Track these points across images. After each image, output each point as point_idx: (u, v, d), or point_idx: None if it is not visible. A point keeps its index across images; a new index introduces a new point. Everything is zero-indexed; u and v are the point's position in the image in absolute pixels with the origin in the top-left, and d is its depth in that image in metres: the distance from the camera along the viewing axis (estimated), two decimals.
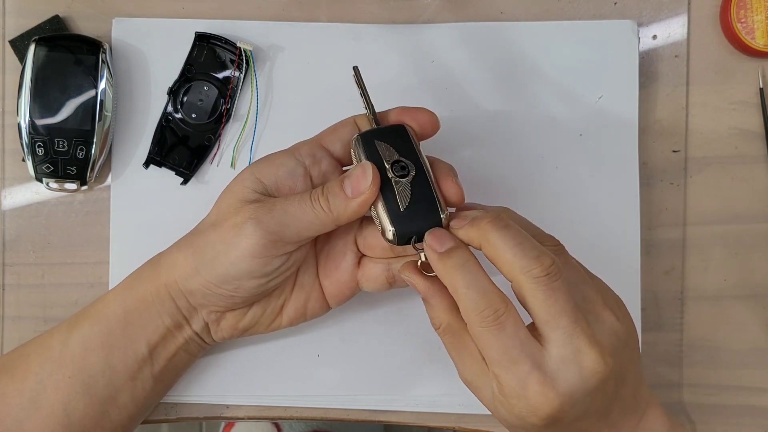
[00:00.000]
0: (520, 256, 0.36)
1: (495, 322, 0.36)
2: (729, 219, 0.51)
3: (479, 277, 0.37)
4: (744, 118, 0.51)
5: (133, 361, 0.44)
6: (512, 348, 0.36)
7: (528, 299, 0.37)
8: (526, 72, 0.51)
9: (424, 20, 0.51)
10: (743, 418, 0.51)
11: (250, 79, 0.50)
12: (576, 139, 0.51)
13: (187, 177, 0.50)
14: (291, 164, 0.43)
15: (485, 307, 0.36)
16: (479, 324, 0.36)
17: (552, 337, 0.36)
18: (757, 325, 0.51)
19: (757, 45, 0.50)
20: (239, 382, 0.50)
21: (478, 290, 0.37)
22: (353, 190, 0.40)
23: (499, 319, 0.36)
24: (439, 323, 0.40)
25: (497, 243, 0.37)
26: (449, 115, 0.50)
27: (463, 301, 0.37)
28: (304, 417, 0.50)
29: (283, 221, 0.40)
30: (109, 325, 0.44)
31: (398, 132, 0.42)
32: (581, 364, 0.36)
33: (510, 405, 0.37)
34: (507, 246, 0.37)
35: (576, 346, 0.36)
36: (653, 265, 0.51)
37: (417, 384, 0.50)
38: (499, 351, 0.36)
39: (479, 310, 0.36)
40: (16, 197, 0.51)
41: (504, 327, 0.36)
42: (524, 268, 0.36)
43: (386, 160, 0.41)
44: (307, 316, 0.46)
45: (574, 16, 0.51)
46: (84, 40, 0.49)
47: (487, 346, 0.37)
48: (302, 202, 0.41)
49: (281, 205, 0.41)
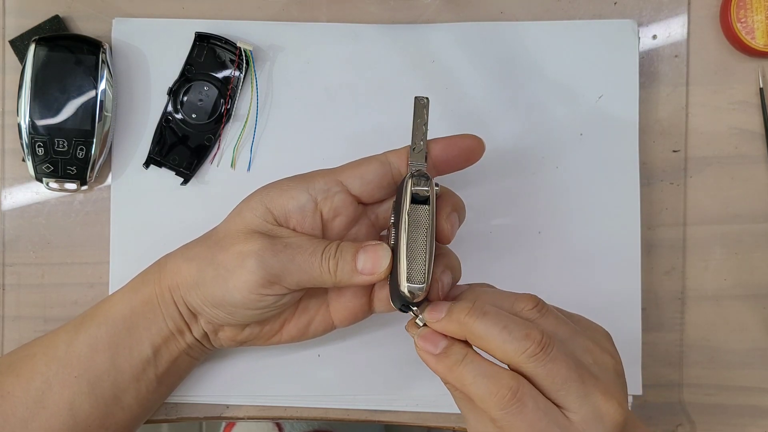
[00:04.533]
0: (509, 340, 0.36)
1: (513, 399, 0.36)
2: (729, 219, 0.51)
3: (483, 365, 0.37)
4: (744, 118, 0.51)
5: (137, 362, 0.44)
6: (539, 421, 0.36)
7: (532, 377, 0.36)
8: (526, 72, 0.51)
9: (424, 20, 0.51)
10: (743, 418, 0.51)
11: (250, 79, 0.50)
12: (576, 139, 0.51)
13: (187, 177, 0.50)
14: (302, 199, 0.42)
15: (499, 389, 0.36)
16: (500, 408, 0.36)
17: (568, 403, 0.36)
18: (757, 325, 0.51)
19: (757, 45, 0.50)
20: (239, 382, 0.50)
21: (486, 377, 0.36)
22: (364, 269, 0.40)
23: (517, 395, 0.36)
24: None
25: (483, 334, 0.37)
26: (449, 115, 0.50)
27: (475, 393, 0.37)
28: (304, 417, 0.50)
29: (287, 268, 0.40)
30: (115, 325, 0.44)
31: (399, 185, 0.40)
32: (603, 420, 0.36)
33: None
34: (493, 335, 0.37)
35: (593, 404, 0.36)
36: (653, 265, 0.51)
37: (417, 384, 0.50)
38: (528, 428, 0.36)
39: (494, 394, 0.36)
40: (16, 197, 0.51)
41: (525, 403, 0.36)
42: (518, 351, 0.36)
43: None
44: (309, 335, 0.46)
45: (574, 16, 0.51)
46: (84, 40, 0.49)
47: (514, 428, 0.36)
48: (312, 257, 0.40)
49: (290, 252, 0.40)
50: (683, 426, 0.51)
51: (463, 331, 0.38)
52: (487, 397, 0.36)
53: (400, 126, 0.51)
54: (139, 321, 0.44)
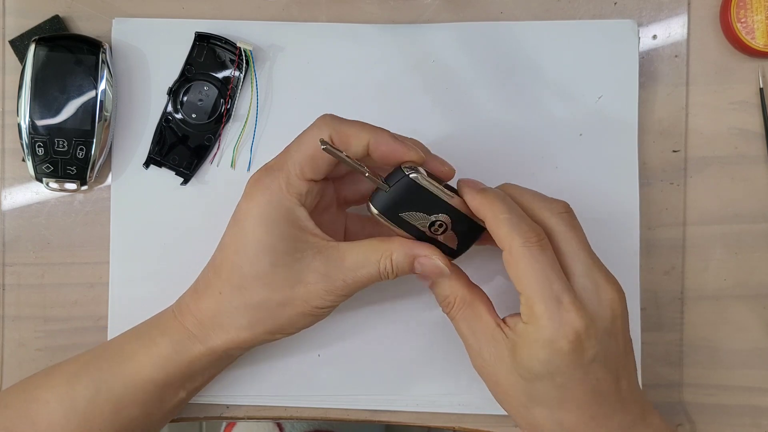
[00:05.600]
0: (543, 199, 0.41)
1: (538, 242, 0.39)
2: (729, 219, 0.51)
3: (518, 209, 0.40)
4: (744, 118, 0.51)
5: (171, 406, 0.45)
6: (550, 269, 0.38)
7: (552, 234, 0.40)
8: (526, 72, 0.51)
9: (424, 20, 0.51)
10: (743, 418, 0.51)
11: (250, 79, 0.50)
12: (576, 139, 0.51)
13: (187, 177, 0.50)
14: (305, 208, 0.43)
15: (528, 229, 0.39)
16: (522, 244, 0.39)
17: (574, 266, 0.39)
18: (757, 325, 0.51)
19: (757, 45, 0.50)
20: (239, 382, 0.50)
21: (520, 216, 0.40)
22: (425, 277, 0.43)
23: (542, 242, 0.39)
24: (454, 298, 0.42)
25: (521, 191, 0.42)
26: (449, 115, 0.50)
27: (504, 226, 0.39)
28: (304, 417, 0.50)
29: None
30: (145, 391, 0.43)
31: (410, 189, 0.41)
32: (600, 296, 0.39)
33: (538, 332, 0.38)
34: (530, 192, 0.42)
35: (595, 278, 0.39)
36: (653, 265, 0.51)
37: (417, 384, 0.50)
38: (538, 270, 0.38)
39: (523, 232, 0.39)
40: (16, 197, 0.51)
41: (545, 250, 0.39)
42: (549, 206, 0.41)
43: (421, 226, 0.42)
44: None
45: (574, 16, 0.51)
46: (84, 40, 0.49)
47: (527, 266, 0.38)
48: (371, 272, 0.42)
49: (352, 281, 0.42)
50: (683, 426, 0.51)
51: (504, 189, 0.42)
52: (516, 232, 0.39)
53: (401, 126, 0.51)
54: (175, 381, 0.44)
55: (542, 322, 0.38)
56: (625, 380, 0.40)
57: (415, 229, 0.42)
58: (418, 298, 0.50)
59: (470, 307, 0.42)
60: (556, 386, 0.39)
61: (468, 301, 0.42)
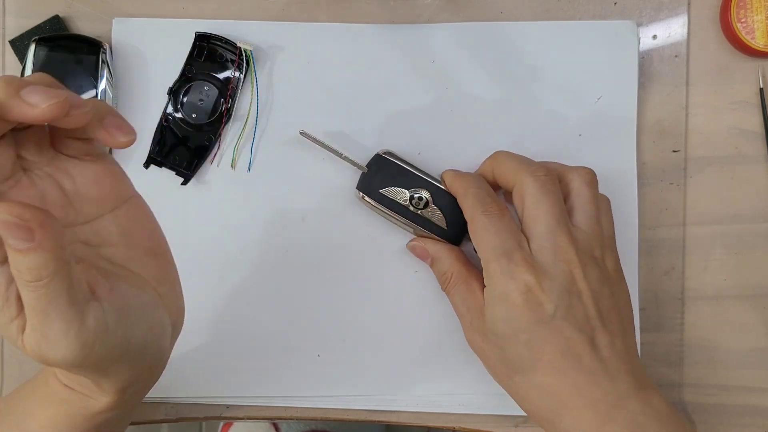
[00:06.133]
0: (526, 162, 0.44)
1: (498, 211, 0.42)
2: (729, 219, 0.51)
3: (487, 186, 0.45)
4: (744, 118, 0.51)
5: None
6: (505, 231, 0.41)
7: (526, 196, 0.42)
8: (525, 72, 0.51)
9: (424, 20, 0.51)
10: (743, 418, 0.51)
11: (250, 79, 0.50)
12: (575, 139, 0.51)
13: (187, 177, 0.50)
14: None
15: (491, 201, 0.43)
16: (483, 212, 0.42)
17: (534, 230, 0.41)
18: (757, 325, 0.51)
19: (757, 45, 0.50)
20: (239, 382, 0.50)
21: (487, 192, 0.44)
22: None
23: (502, 212, 0.42)
24: (450, 273, 0.46)
25: (506, 156, 0.45)
26: (449, 115, 0.51)
27: (471, 197, 0.44)
28: (303, 417, 0.50)
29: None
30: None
31: (381, 163, 0.47)
32: (557, 255, 0.40)
33: (494, 290, 0.41)
34: (509, 156, 0.45)
35: (555, 241, 0.41)
36: (653, 265, 0.51)
37: (417, 384, 0.50)
38: (493, 233, 0.41)
39: (485, 203, 0.43)
40: None
41: (503, 217, 0.42)
42: (531, 172, 0.42)
43: (402, 201, 0.46)
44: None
45: (574, 16, 0.51)
46: (84, 40, 0.49)
47: (484, 230, 0.42)
48: None
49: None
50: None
51: (495, 156, 0.46)
52: (480, 203, 0.43)
53: (400, 126, 0.51)
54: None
55: (495, 279, 0.41)
56: (605, 345, 0.40)
57: (397, 205, 0.47)
58: (419, 298, 0.50)
59: (465, 282, 0.45)
60: (523, 345, 0.40)
61: (464, 278, 0.45)
